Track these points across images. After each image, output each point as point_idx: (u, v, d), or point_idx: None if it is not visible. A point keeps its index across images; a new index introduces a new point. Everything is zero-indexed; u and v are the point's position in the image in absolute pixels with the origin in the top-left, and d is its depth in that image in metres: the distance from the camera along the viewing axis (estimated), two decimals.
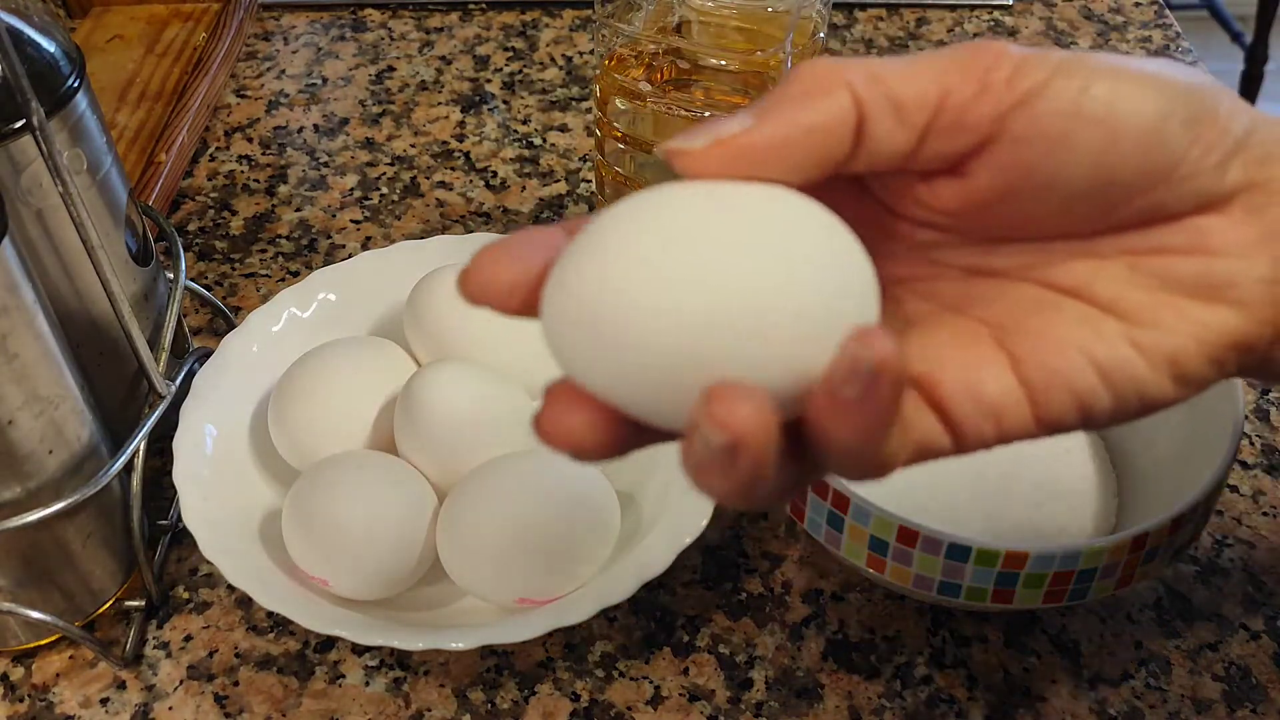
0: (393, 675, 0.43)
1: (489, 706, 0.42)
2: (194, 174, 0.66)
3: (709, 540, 0.47)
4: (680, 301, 0.20)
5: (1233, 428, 0.39)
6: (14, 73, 0.35)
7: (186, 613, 0.45)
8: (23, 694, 0.43)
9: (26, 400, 0.38)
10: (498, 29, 0.78)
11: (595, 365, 0.21)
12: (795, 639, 0.44)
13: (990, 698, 0.42)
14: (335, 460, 0.44)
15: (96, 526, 0.42)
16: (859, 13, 0.78)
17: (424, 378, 0.45)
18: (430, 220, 0.63)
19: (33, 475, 0.39)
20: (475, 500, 0.42)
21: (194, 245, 0.62)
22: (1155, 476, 0.43)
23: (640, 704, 0.42)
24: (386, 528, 0.42)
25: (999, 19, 0.78)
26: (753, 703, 0.42)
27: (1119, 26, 0.77)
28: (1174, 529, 0.37)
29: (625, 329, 0.20)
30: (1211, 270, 0.24)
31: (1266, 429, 0.52)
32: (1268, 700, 0.42)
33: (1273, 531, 0.47)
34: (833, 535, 0.39)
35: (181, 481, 0.43)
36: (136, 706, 0.42)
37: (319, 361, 0.47)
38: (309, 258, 0.61)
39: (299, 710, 0.42)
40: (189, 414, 0.45)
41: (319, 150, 0.68)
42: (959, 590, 0.38)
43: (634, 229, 0.21)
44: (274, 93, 0.72)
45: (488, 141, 0.68)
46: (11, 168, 0.39)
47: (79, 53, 0.42)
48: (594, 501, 0.42)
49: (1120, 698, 0.42)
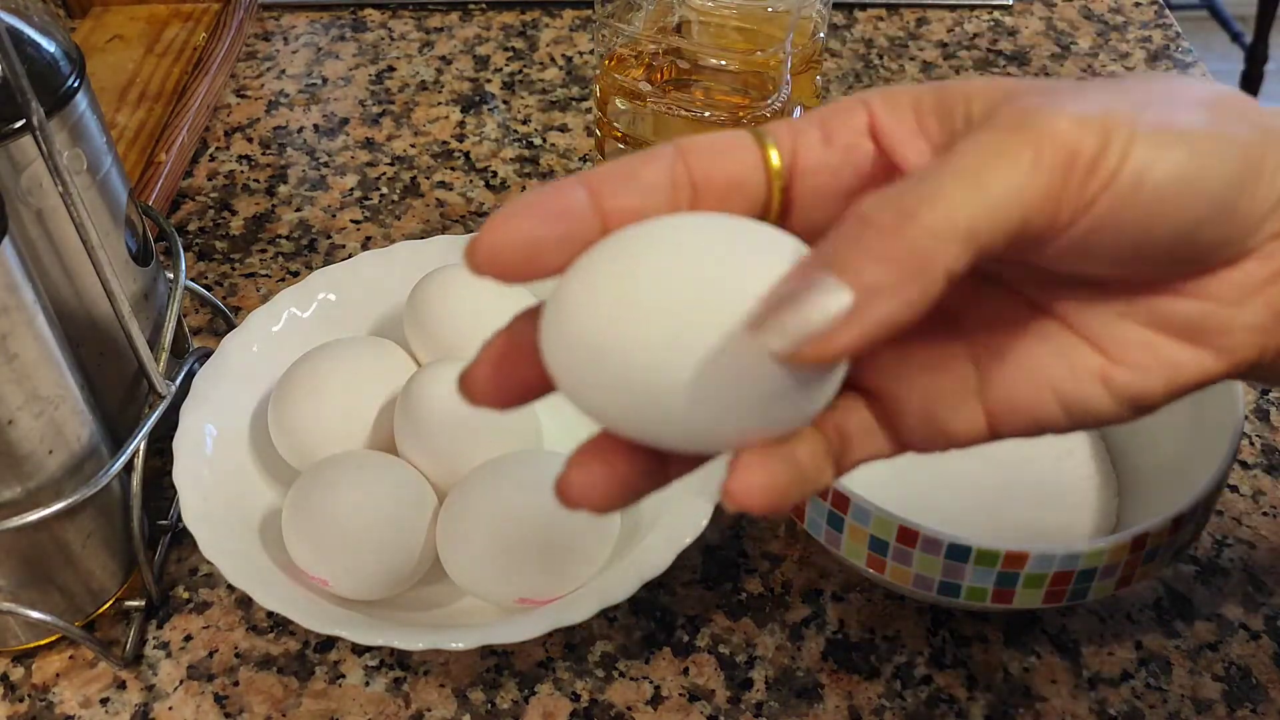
0: (393, 675, 0.43)
1: (489, 706, 0.42)
2: (194, 174, 0.66)
3: (709, 540, 0.47)
4: (671, 333, 0.21)
5: (1233, 428, 0.39)
6: (14, 73, 0.35)
7: (186, 613, 0.45)
8: (23, 694, 0.43)
9: (26, 400, 0.38)
10: (498, 29, 0.78)
11: (600, 396, 0.22)
12: (795, 639, 0.44)
13: (990, 698, 0.42)
14: (335, 460, 0.44)
15: (96, 526, 0.42)
16: (859, 13, 0.78)
17: (424, 378, 0.45)
18: (430, 220, 0.63)
19: (33, 475, 0.39)
20: (475, 500, 0.42)
21: (194, 245, 0.62)
22: (1155, 476, 0.43)
23: (640, 704, 0.42)
24: (386, 528, 0.42)
25: (999, 19, 0.78)
26: (753, 703, 0.42)
27: (1119, 26, 0.77)
28: (1174, 529, 0.37)
29: (626, 360, 0.21)
30: (1206, 315, 0.24)
31: (1266, 429, 0.52)
32: (1268, 700, 0.42)
33: (1273, 531, 0.47)
34: (833, 535, 0.39)
35: (181, 481, 0.43)
36: (136, 706, 0.42)
37: (319, 361, 0.47)
38: (309, 258, 0.61)
39: (299, 710, 0.42)
40: (189, 414, 0.45)
41: (319, 150, 0.68)
42: (959, 590, 0.38)
43: (625, 265, 0.21)
44: (274, 93, 0.72)
45: (488, 141, 0.68)
46: (11, 168, 0.39)
47: (79, 53, 0.42)
48: None
49: (1120, 698, 0.42)
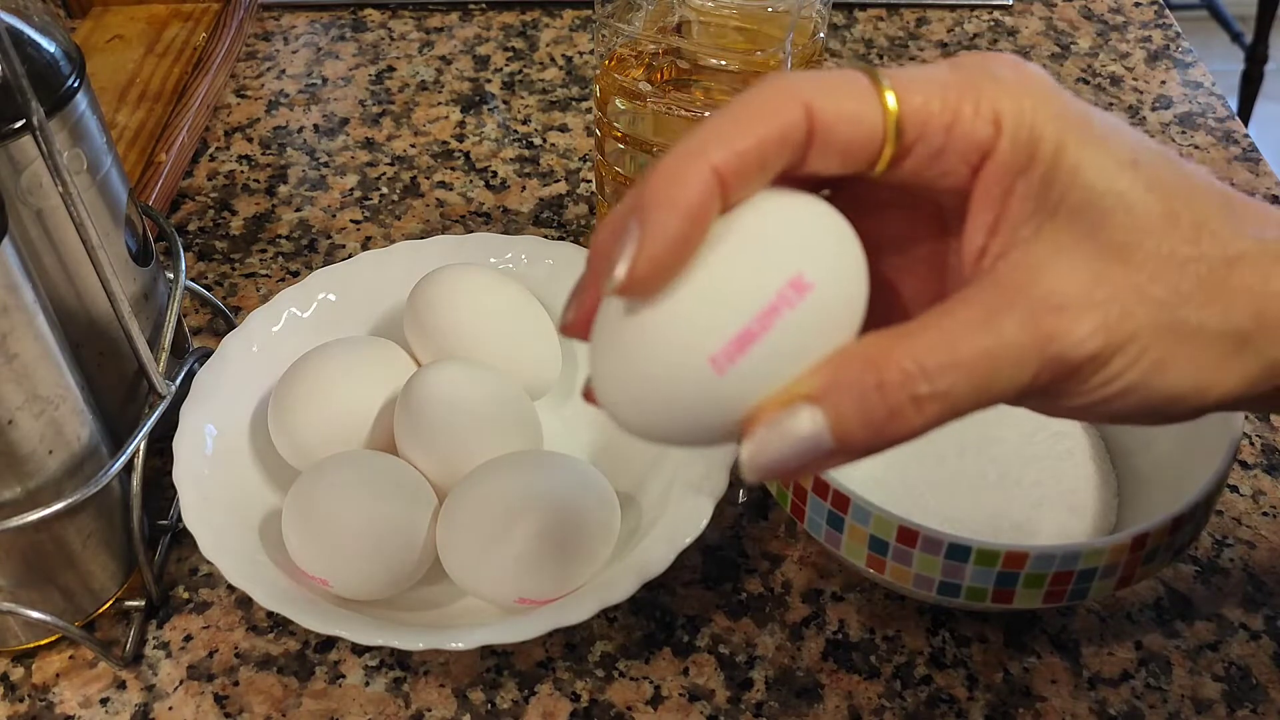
0: (393, 675, 0.43)
1: (489, 706, 0.42)
2: (194, 174, 0.66)
3: (709, 540, 0.47)
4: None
5: (1233, 428, 0.39)
6: (14, 73, 0.35)
7: (186, 613, 0.45)
8: (23, 694, 0.43)
9: (26, 400, 0.38)
10: (498, 29, 0.78)
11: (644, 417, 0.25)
12: (795, 639, 0.44)
13: (990, 698, 0.42)
14: (335, 460, 0.44)
15: (96, 526, 0.42)
16: (859, 13, 0.78)
17: (424, 378, 0.45)
18: (430, 220, 0.63)
19: (33, 475, 0.39)
20: (475, 500, 0.42)
21: (194, 245, 0.62)
22: (1155, 476, 0.43)
23: (640, 704, 0.42)
24: (386, 528, 0.42)
25: (999, 19, 0.78)
26: (753, 703, 0.42)
27: (1119, 26, 0.77)
28: (1174, 529, 0.37)
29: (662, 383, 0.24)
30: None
31: (1266, 429, 0.52)
32: (1268, 700, 0.42)
33: (1273, 531, 0.47)
34: (833, 535, 0.39)
35: (181, 481, 0.43)
36: (136, 706, 0.42)
37: (319, 361, 0.47)
38: (309, 258, 0.61)
39: (299, 710, 0.42)
40: (189, 414, 0.45)
41: (319, 150, 0.68)
42: (959, 590, 0.38)
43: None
44: (274, 93, 0.72)
45: (488, 141, 0.68)
46: (11, 168, 0.39)
47: (79, 53, 0.42)
48: (594, 501, 0.42)
49: (1120, 698, 0.42)
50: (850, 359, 0.24)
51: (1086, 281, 0.25)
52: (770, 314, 0.23)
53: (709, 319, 0.23)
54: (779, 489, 0.41)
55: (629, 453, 0.47)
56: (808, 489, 0.39)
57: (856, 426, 0.24)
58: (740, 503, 0.48)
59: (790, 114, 0.24)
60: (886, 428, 0.24)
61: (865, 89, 0.25)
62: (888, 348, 0.24)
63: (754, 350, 0.23)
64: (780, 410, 0.24)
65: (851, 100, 0.25)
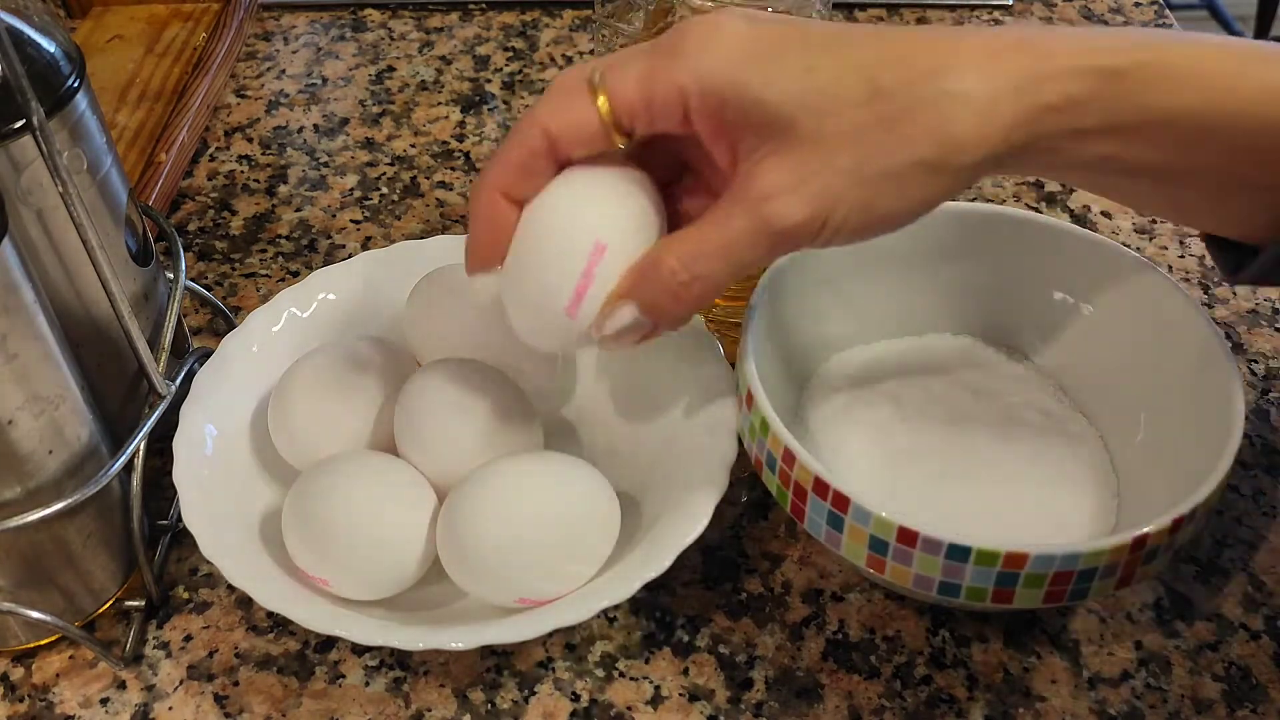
0: (393, 675, 0.43)
1: (489, 706, 0.42)
2: (194, 174, 0.66)
3: (709, 540, 0.47)
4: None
5: (1233, 428, 0.39)
6: (14, 73, 0.35)
7: (186, 613, 0.45)
8: (23, 694, 0.43)
9: (26, 400, 0.38)
10: (498, 29, 0.78)
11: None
12: (795, 639, 0.44)
13: (990, 698, 0.42)
14: (335, 460, 0.44)
15: (96, 526, 0.43)
16: (859, 13, 0.79)
17: (424, 378, 0.45)
18: (430, 220, 0.63)
19: (33, 475, 0.39)
20: (475, 500, 0.42)
21: (194, 245, 0.62)
22: (1155, 476, 0.43)
23: (640, 704, 0.42)
24: (386, 528, 0.42)
25: (999, 19, 0.78)
26: (753, 703, 0.42)
27: (1119, 26, 0.77)
28: (1174, 529, 0.37)
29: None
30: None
31: (1266, 429, 0.52)
32: (1268, 700, 0.42)
33: (1273, 531, 0.47)
34: (833, 535, 0.39)
35: (181, 481, 0.43)
36: (136, 706, 0.42)
37: (319, 361, 0.47)
38: (309, 258, 0.61)
39: (299, 710, 0.42)
40: (189, 414, 0.45)
41: (319, 150, 0.68)
42: (959, 590, 0.38)
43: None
44: (274, 93, 0.72)
45: (488, 141, 0.68)
46: (11, 168, 0.39)
47: (79, 53, 0.42)
48: (594, 502, 0.42)
49: (1120, 698, 0.42)
50: (641, 265, 0.36)
51: (788, 173, 0.33)
52: (589, 272, 0.36)
53: (555, 284, 0.37)
54: (779, 489, 0.41)
55: (629, 453, 0.47)
56: (808, 489, 0.39)
57: (655, 306, 0.36)
58: (740, 502, 0.48)
59: (532, 138, 0.35)
60: (676, 304, 0.36)
61: (586, 102, 0.35)
62: (662, 251, 0.36)
63: (588, 294, 0.37)
64: (609, 310, 0.37)
65: (573, 113, 0.35)
